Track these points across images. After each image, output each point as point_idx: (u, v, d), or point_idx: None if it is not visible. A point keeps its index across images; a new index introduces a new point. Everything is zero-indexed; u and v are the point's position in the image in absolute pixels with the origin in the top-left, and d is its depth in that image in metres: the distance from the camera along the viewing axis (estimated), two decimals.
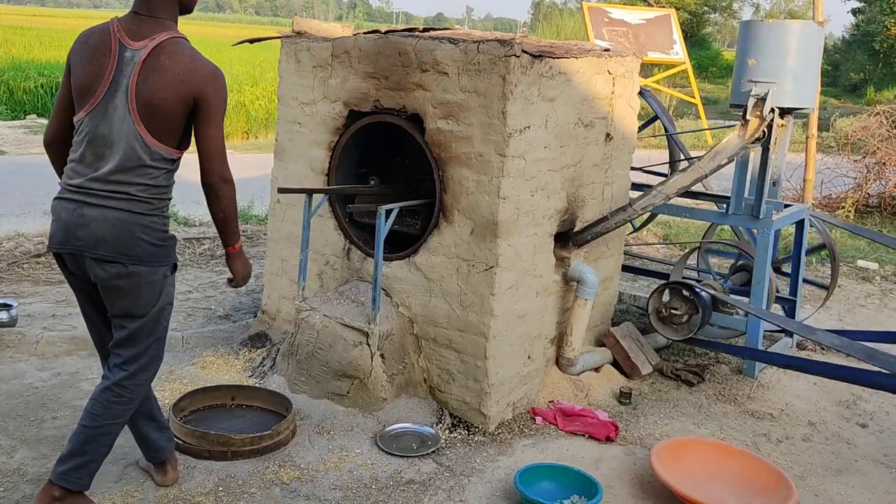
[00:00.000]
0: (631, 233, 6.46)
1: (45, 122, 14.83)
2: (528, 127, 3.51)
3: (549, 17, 31.57)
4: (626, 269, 5.29)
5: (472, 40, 3.49)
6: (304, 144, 4.09)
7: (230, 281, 2.92)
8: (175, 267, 2.76)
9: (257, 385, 3.84)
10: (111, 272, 2.55)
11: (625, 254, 6.15)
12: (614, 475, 3.33)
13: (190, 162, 2.70)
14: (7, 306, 4.31)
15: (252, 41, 4.43)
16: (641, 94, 4.84)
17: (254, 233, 6.74)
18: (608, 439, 3.59)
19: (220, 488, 3.01)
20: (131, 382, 2.68)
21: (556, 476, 3.17)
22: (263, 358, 4.11)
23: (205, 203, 2.72)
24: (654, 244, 6.95)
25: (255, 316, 4.58)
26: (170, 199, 2.70)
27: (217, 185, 2.66)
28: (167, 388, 3.80)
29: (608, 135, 4.09)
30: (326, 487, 3.07)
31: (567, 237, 4.01)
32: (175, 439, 3.13)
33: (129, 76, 2.51)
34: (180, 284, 5.37)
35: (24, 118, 15.20)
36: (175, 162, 2.65)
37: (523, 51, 3.39)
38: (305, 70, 4.03)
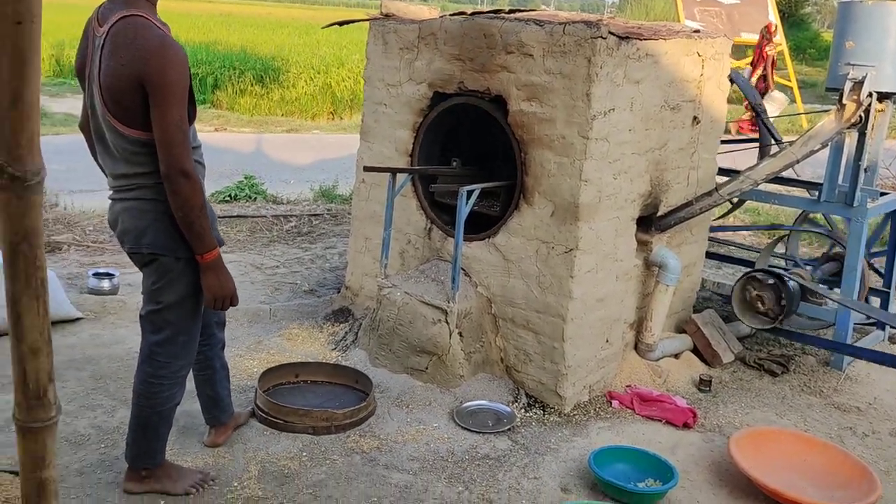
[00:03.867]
0: (716, 218, 6.32)
1: None
2: (613, 109, 3.49)
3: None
4: (710, 255, 5.19)
5: (557, 22, 3.48)
6: (388, 125, 4.17)
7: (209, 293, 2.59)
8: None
9: (321, 361, 3.95)
10: (137, 262, 2.63)
11: (710, 240, 6.04)
12: (691, 461, 3.31)
13: (273, 141, 2.81)
14: (109, 275, 4.58)
15: (341, 24, 4.53)
16: (732, 77, 4.73)
17: (338, 211, 6.91)
18: (685, 426, 3.56)
19: (304, 454, 3.15)
20: (166, 372, 2.69)
21: (631, 458, 3.18)
22: (346, 332, 4.24)
23: (292, 181, 2.78)
24: (739, 229, 6.77)
25: (339, 292, 4.72)
26: None
27: (172, 178, 2.39)
28: (255, 358, 3.98)
29: (695, 118, 4.01)
30: (404, 458, 3.17)
31: (650, 221, 3.97)
32: (276, 419, 3.26)
33: (96, 64, 2.42)
34: (268, 259, 5.58)
35: None
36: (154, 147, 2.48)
37: (610, 32, 3.36)
38: (392, 52, 4.10)
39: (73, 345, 3.96)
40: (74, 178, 7.75)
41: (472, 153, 4.14)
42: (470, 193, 3.60)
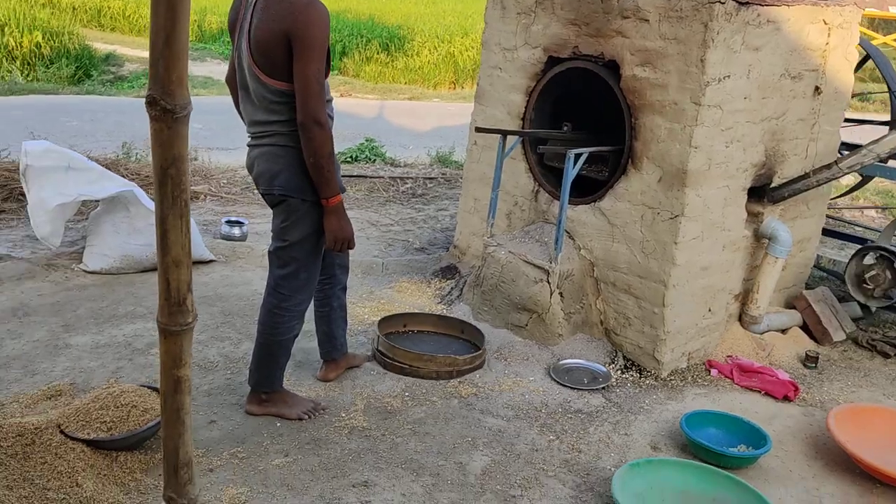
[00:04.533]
0: (838, 196, 6.07)
1: None
2: (728, 76, 3.45)
3: None
4: (830, 233, 5.02)
5: None
6: (503, 89, 4.28)
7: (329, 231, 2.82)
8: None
9: (428, 312, 4.14)
10: (268, 202, 2.88)
11: (834, 219, 5.82)
12: (787, 433, 3.29)
13: (395, 107, 2.99)
14: (239, 223, 4.96)
15: None
16: (863, 46, 4.53)
17: (452, 176, 7.09)
18: (786, 398, 3.53)
19: (407, 394, 3.36)
20: (288, 304, 2.95)
21: (724, 424, 3.20)
22: (452, 288, 4.43)
23: (410, 146, 2.96)
24: (864, 208, 6.46)
25: (448, 250, 4.91)
26: None
27: (307, 126, 2.61)
28: (367, 307, 4.23)
29: (817, 88, 3.89)
30: (500, 405, 3.33)
31: (762, 192, 3.91)
32: (400, 363, 3.48)
33: (247, 20, 2.66)
34: (383, 217, 5.85)
35: None
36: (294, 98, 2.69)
37: None
38: (510, 16, 4.20)
39: (206, 283, 4.35)
40: (212, 137, 8.32)
41: (582, 118, 4.19)
42: (577, 157, 3.67)
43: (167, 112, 1.44)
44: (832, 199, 6.07)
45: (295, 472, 2.75)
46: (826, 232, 5.10)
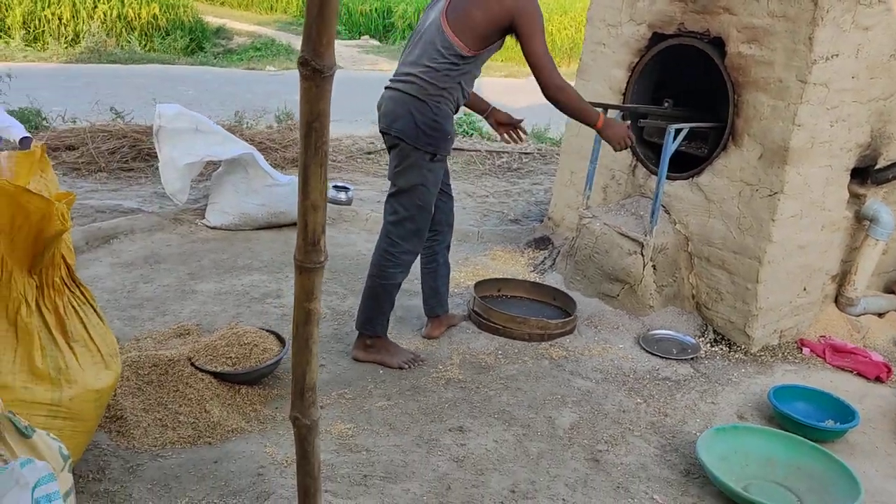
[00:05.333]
0: None
1: (376, 43, 16.58)
2: (836, 55, 3.44)
3: None
4: None
5: None
6: (605, 65, 4.36)
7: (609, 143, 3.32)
8: (434, 157, 3.11)
9: (522, 279, 4.31)
10: (386, 143, 3.15)
11: None
12: (877, 412, 3.31)
13: (492, 84, 3.14)
14: (345, 188, 5.23)
15: None
16: None
17: (547, 151, 7.20)
18: (878, 379, 3.54)
19: (500, 352, 3.55)
20: (395, 250, 3.22)
21: (813, 398, 3.24)
22: (545, 258, 4.57)
23: None
24: None
25: (541, 222, 5.05)
26: (450, 100, 3.07)
27: (552, 93, 3.03)
28: (463, 272, 4.43)
29: None
30: (589, 368, 3.47)
31: (866, 174, 3.87)
32: (495, 324, 3.66)
33: None
34: (479, 189, 6.03)
35: (359, 38, 17.10)
36: (464, 62, 3.03)
37: None
38: None
39: None
40: None
41: (682, 95, 4.23)
42: (678, 132, 3.73)
43: (316, 71, 1.63)
44: None
45: (396, 414, 2.98)
46: None
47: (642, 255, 3.87)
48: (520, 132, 3.54)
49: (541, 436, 2.93)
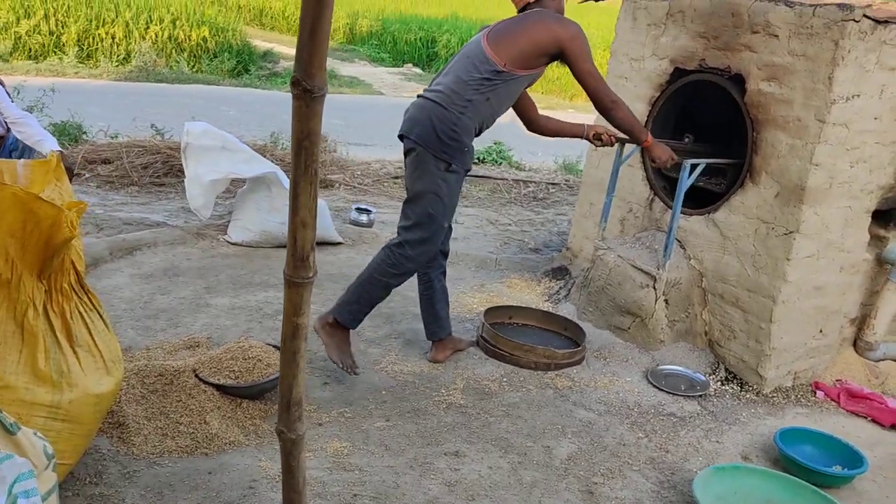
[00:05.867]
0: None
1: (419, 71, 16.81)
2: (858, 95, 3.41)
3: None
4: None
5: (808, 3, 3.47)
6: (627, 98, 4.35)
7: (654, 162, 3.58)
8: (449, 166, 3.18)
9: (534, 307, 4.30)
10: (405, 146, 3.23)
11: None
12: (890, 460, 3.22)
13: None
14: (367, 211, 5.30)
15: None
16: None
17: (575, 183, 7.20)
18: (893, 427, 3.44)
19: (505, 379, 3.54)
20: (399, 251, 3.28)
21: (821, 443, 3.17)
22: (560, 287, 4.56)
23: (539, 153, 3.23)
24: None
25: (560, 252, 5.04)
26: (473, 114, 3.15)
27: (606, 109, 3.28)
28: (477, 297, 4.44)
29: None
30: (593, 400, 3.44)
31: (889, 216, 3.80)
32: (501, 351, 3.67)
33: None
34: (502, 217, 6.05)
35: (402, 66, 17.35)
36: (497, 78, 3.13)
37: (864, 16, 3.29)
38: (640, 27, 4.29)
39: (333, 262, 4.70)
40: (351, 132, 8.81)
41: (702, 130, 4.21)
42: (694, 167, 3.72)
43: (307, 92, 1.69)
44: None
45: (394, 435, 2.99)
46: None
47: (655, 288, 3.84)
48: (612, 137, 3.67)
49: (536, 465, 2.91)
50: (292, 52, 16.26)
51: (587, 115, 12.41)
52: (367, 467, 2.75)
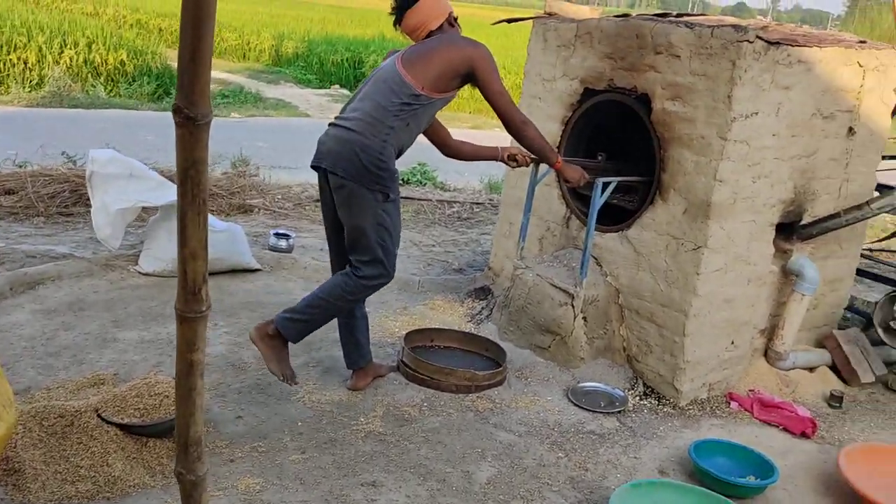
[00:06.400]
0: (881, 239, 5.99)
1: (346, 92, 16.75)
2: (756, 113, 3.52)
3: (865, 13, 28.76)
4: (870, 276, 4.97)
5: (707, 25, 3.57)
6: (540, 118, 4.41)
7: (567, 182, 3.68)
8: (387, 197, 3.17)
9: (456, 329, 4.29)
10: (333, 182, 3.14)
11: (882, 262, 5.73)
12: (800, 468, 3.30)
13: (456, 135, 3.20)
14: (286, 236, 5.21)
15: (510, 21, 4.84)
16: None
17: (500, 202, 7.23)
18: (803, 435, 3.53)
19: (425, 404, 3.50)
20: (360, 275, 3.24)
21: (734, 454, 3.23)
22: (482, 308, 4.56)
23: (466, 173, 3.22)
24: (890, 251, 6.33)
25: (483, 271, 5.05)
26: (394, 141, 3.14)
27: (519, 129, 3.31)
28: (399, 321, 4.40)
29: (851, 129, 3.91)
30: (514, 421, 3.43)
31: (792, 229, 3.93)
32: (422, 375, 3.63)
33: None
34: (426, 238, 6.03)
35: (329, 87, 17.25)
36: (415, 102, 3.11)
37: (758, 37, 3.41)
38: (551, 49, 4.35)
39: (250, 290, 4.59)
40: (276, 156, 8.69)
41: (616, 149, 4.29)
42: (606, 185, 3.77)
43: (190, 119, 1.62)
44: (877, 241, 5.99)
45: (309, 468, 2.91)
46: (872, 276, 5.06)
47: (573, 306, 3.87)
48: (526, 157, 3.73)
49: (455, 491, 2.87)
50: (216, 75, 15.90)
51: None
52: (280, 503, 2.67)
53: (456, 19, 3.37)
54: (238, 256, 4.71)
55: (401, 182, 7.56)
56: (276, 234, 5.20)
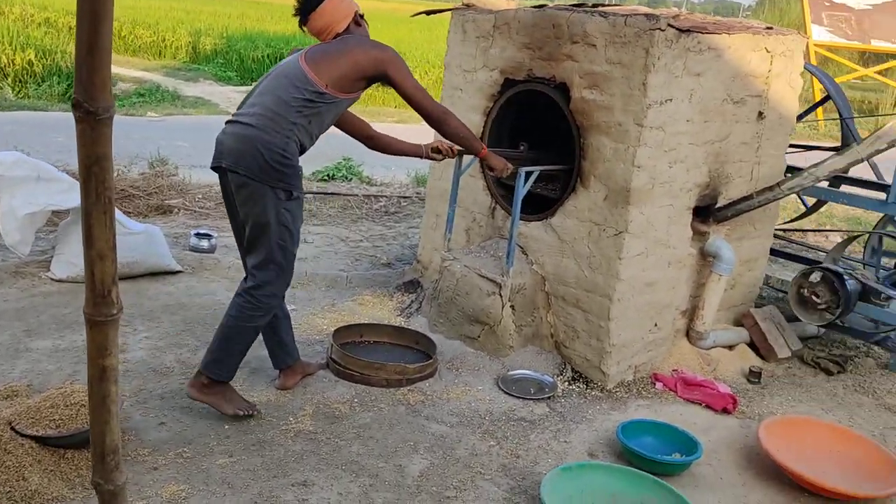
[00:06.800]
0: (792, 220, 6.23)
1: None
2: (670, 100, 3.60)
3: (774, 2, 29.92)
4: (784, 255, 5.17)
5: (620, 14, 3.64)
6: (463, 109, 4.42)
7: (492, 171, 3.69)
8: (290, 195, 3.07)
9: (385, 323, 4.27)
10: (234, 181, 3.05)
11: (794, 242, 5.97)
12: (723, 443, 3.40)
13: (382, 129, 3.16)
14: (208, 236, 5.08)
15: (428, 13, 4.83)
16: (814, 73, 4.70)
17: (426, 194, 7.22)
18: (725, 411, 3.64)
19: (356, 400, 3.46)
20: (258, 292, 3.14)
21: (660, 433, 3.30)
22: (412, 301, 4.54)
23: (393, 167, 3.17)
24: (809, 231, 6.61)
25: (411, 265, 5.03)
26: (296, 138, 3.05)
27: (439, 120, 3.31)
28: (327, 317, 4.34)
29: (761, 113, 4.05)
30: (445, 412, 3.43)
31: (708, 212, 4.05)
32: (352, 371, 3.59)
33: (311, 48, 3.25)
34: (353, 233, 5.97)
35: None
36: (319, 100, 3.05)
37: (669, 25, 3.49)
38: (470, 40, 4.36)
39: (171, 293, 4.46)
40: (196, 155, 8.43)
41: (538, 138, 4.33)
42: (528, 175, 3.80)
43: (90, 114, 1.55)
44: (789, 221, 6.23)
45: (237, 471, 2.85)
46: (785, 255, 5.26)
47: (500, 295, 3.89)
48: (451, 148, 3.73)
49: (388, 485, 2.86)
50: (131, 73, 15.38)
51: None
52: None
53: (362, 17, 3.32)
54: (157, 258, 4.56)
55: (326, 177, 7.47)
56: (198, 235, 5.07)
